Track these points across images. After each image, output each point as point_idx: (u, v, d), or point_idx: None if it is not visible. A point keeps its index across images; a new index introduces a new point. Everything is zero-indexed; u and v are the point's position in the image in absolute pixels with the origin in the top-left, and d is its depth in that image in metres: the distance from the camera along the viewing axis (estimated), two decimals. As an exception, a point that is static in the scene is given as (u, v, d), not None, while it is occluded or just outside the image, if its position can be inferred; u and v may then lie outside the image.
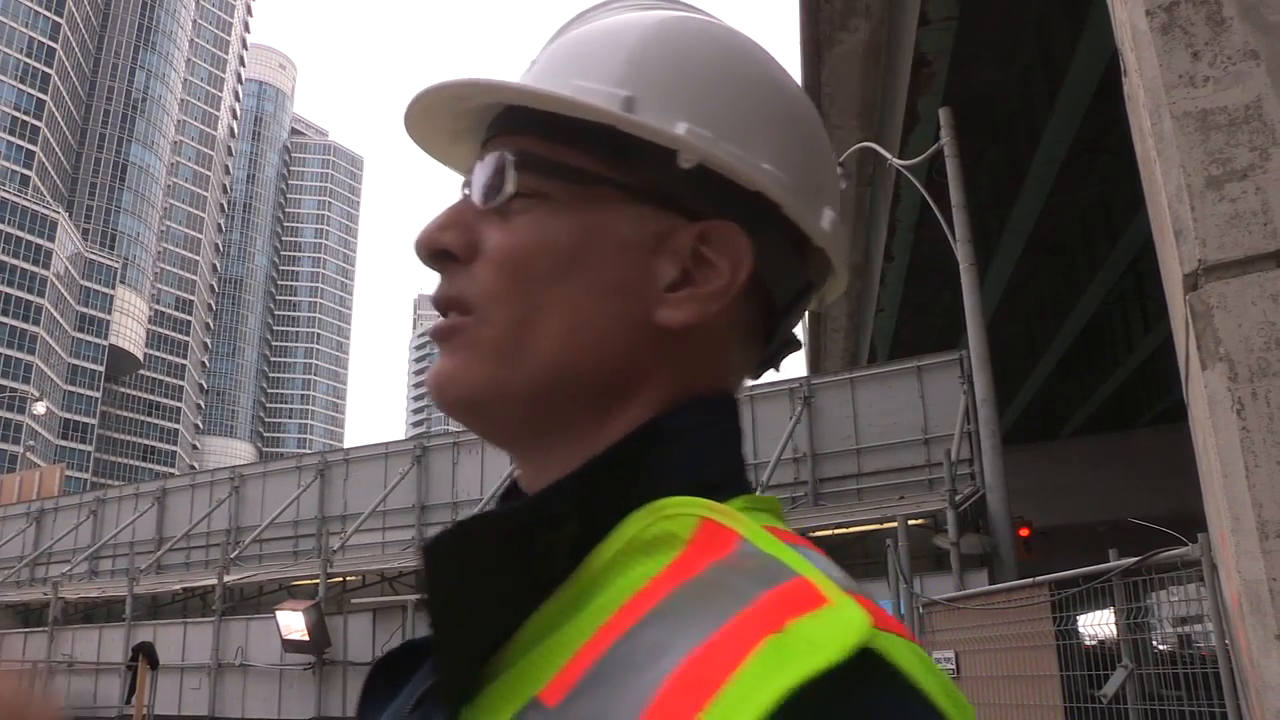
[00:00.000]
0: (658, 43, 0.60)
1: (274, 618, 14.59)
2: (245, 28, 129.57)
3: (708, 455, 0.57)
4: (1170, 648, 6.84)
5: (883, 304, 19.91)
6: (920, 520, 11.13)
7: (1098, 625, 5.62)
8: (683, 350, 0.58)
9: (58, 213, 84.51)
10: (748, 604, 0.42)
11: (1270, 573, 0.92)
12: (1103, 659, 5.29)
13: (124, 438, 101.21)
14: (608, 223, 0.57)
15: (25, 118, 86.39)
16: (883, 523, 11.02)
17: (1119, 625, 5.22)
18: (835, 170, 0.66)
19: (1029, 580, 6.10)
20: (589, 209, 0.57)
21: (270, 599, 16.55)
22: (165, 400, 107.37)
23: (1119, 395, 22.45)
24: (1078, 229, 17.00)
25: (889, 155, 12.87)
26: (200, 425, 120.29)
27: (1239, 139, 1.01)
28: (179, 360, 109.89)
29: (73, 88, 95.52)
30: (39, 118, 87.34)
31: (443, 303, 0.59)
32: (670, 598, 0.45)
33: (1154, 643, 6.35)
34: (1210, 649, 4.70)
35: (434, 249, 0.60)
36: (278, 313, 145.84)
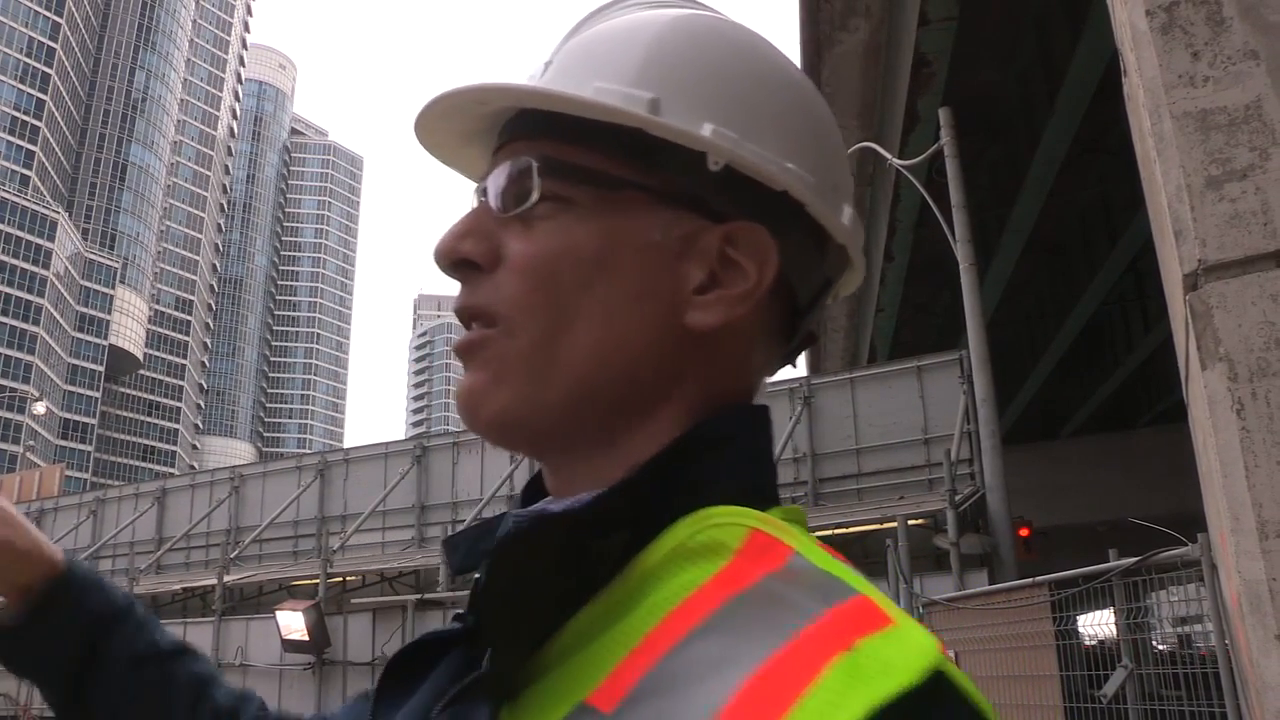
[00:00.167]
0: (676, 42, 0.59)
1: (274, 618, 14.59)
2: (245, 28, 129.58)
3: (749, 463, 0.57)
4: (1170, 648, 6.85)
5: (883, 304, 19.92)
6: (920, 520, 11.12)
7: (1098, 625, 5.62)
8: (712, 352, 0.57)
9: (58, 213, 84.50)
10: (812, 620, 0.42)
11: (1270, 573, 0.92)
12: (1103, 659, 5.29)
13: (124, 438, 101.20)
14: (634, 227, 0.56)
15: (25, 118, 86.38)
16: (883, 523, 11.01)
17: (1119, 625, 5.22)
18: (848, 165, 0.66)
19: (1029, 580, 6.10)
20: (614, 214, 0.56)
21: (270, 599, 16.55)
22: (165, 400, 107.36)
23: (1119, 395, 22.45)
24: (1077, 229, 17.00)
25: (889, 155, 12.87)
26: (200, 425, 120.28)
27: (1239, 139, 1.01)
28: (179, 360, 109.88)
29: (73, 88, 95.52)
30: (39, 118, 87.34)
31: (466, 313, 0.59)
32: (724, 609, 0.45)
33: (1154, 643, 6.35)
34: (1209, 649, 4.70)
35: (454, 258, 0.59)
36: (278, 313, 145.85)
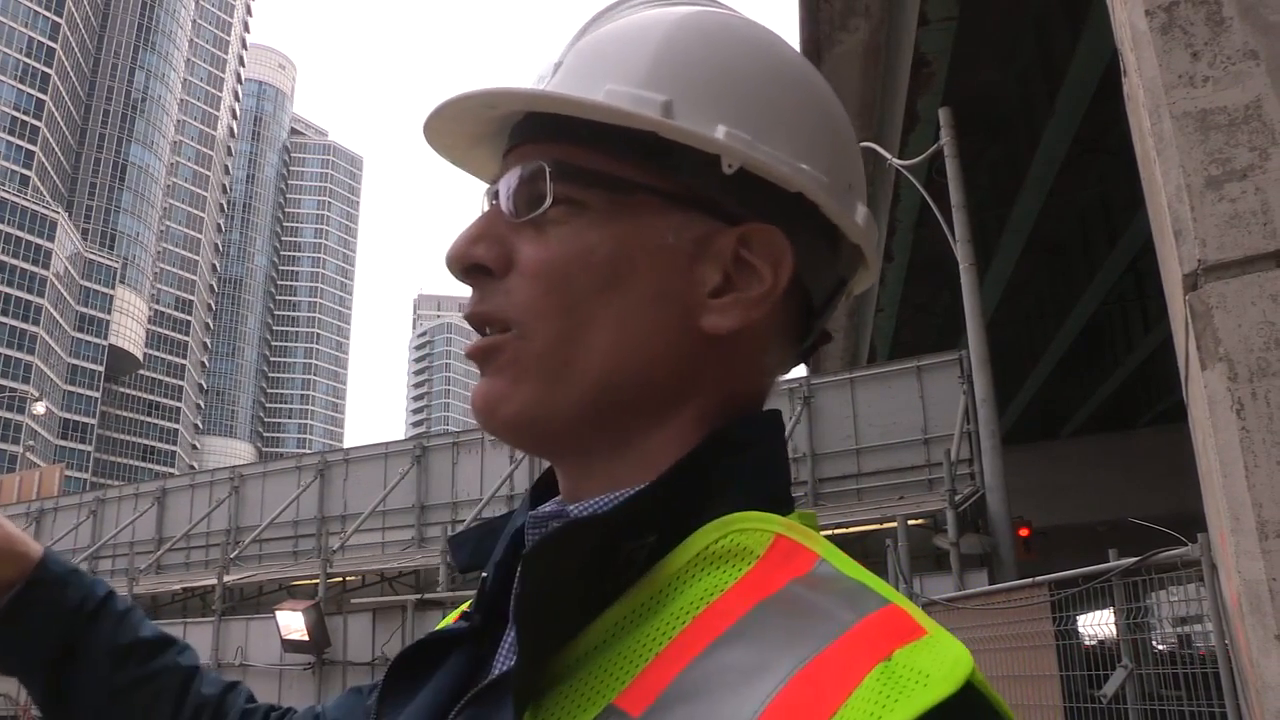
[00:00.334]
0: (688, 41, 0.58)
1: (274, 618, 14.58)
2: (245, 28, 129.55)
3: (769, 469, 0.57)
4: (1169, 648, 6.84)
5: (882, 304, 19.91)
6: (920, 520, 11.12)
7: (1097, 625, 5.62)
8: (727, 355, 0.57)
9: (57, 213, 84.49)
10: (846, 629, 0.43)
11: (1270, 573, 0.92)
12: (1103, 659, 5.29)
13: (124, 438, 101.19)
14: (647, 230, 0.56)
15: (25, 118, 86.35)
16: (883, 523, 11.02)
17: (1119, 625, 5.22)
18: (861, 163, 0.66)
19: (1029, 580, 6.09)
20: (627, 217, 0.56)
21: (270, 599, 16.55)
22: (165, 400, 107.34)
23: (1119, 395, 22.45)
24: (1077, 229, 17.00)
25: (889, 155, 12.86)
26: (200, 425, 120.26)
27: (1239, 139, 1.01)
28: (179, 360, 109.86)
29: (72, 88, 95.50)
30: (39, 118, 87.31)
31: (478, 319, 0.58)
32: (752, 614, 0.45)
33: (1154, 643, 6.35)
34: (1209, 649, 4.70)
35: (467, 264, 0.58)
36: (277, 313, 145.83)
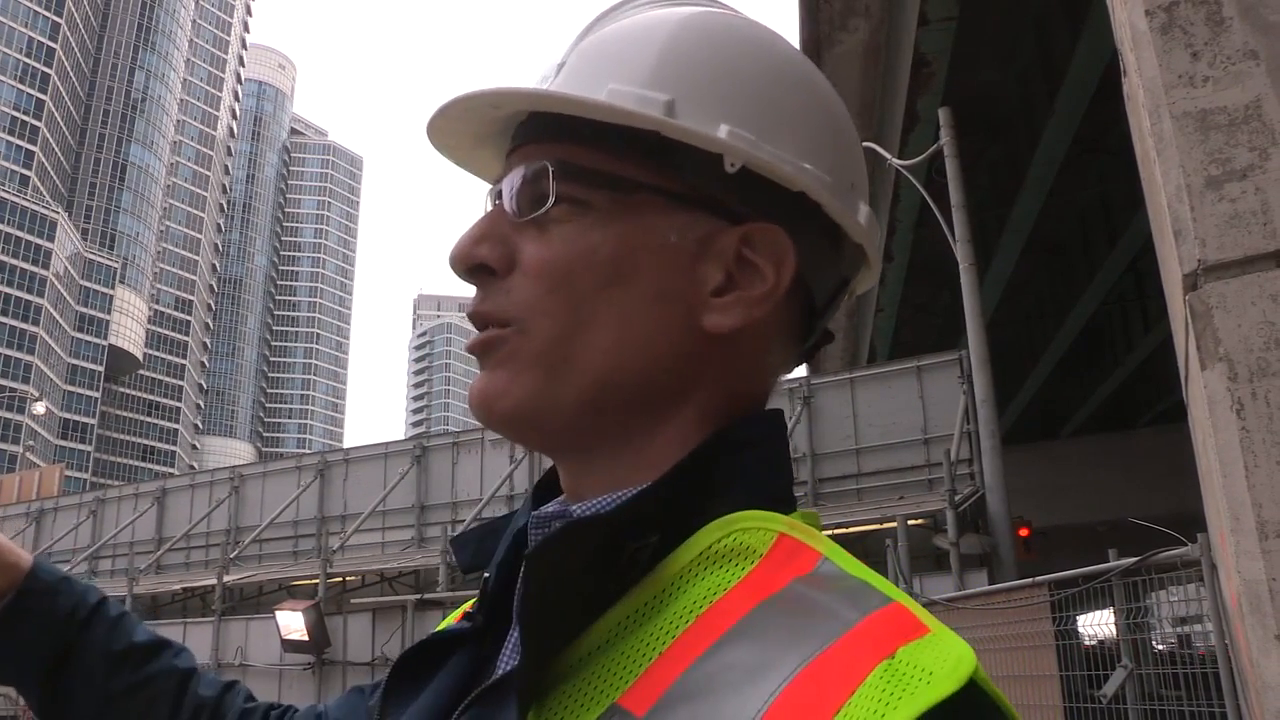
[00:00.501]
0: (690, 41, 0.58)
1: (274, 618, 14.58)
2: (245, 28, 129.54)
3: (772, 468, 0.57)
4: (1169, 648, 6.84)
5: (882, 304, 19.91)
6: (920, 520, 11.13)
7: (1097, 625, 5.62)
8: (729, 354, 0.57)
9: (57, 213, 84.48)
10: (850, 627, 0.43)
11: (1270, 573, 0.92)
12: (1102, 659, 5.29)
13: (124, 438, 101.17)
14: (651, 230, 0.56)
15: (25, 118, 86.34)
16: (883, 523, 11.02)
17: (1119, 625, 5.22)
18: (863, 162, 0.66)
19: (1029, 580, 6.09)
20: (630, 216, 0.56)
21: (270, 599, 16.55)
22: (165, 400, 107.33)
23: (1119, 395, 22.44)
24: (1077, 229, 17.00)
25: (889, 155, 12.86)
26: (200, 425, 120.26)
27: (1238, 139, 1.01)
28: (179, 360, 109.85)
29: (72, 88, 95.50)
30: (39, 118, 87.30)
31: (481, 318, 0.58)
32: (755, 613, 0.46)
33: (1153, 643, 6.35)
34: (1208, 649, 4.70)
35: (470, 263, 0.58)
36: (277, 313, 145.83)
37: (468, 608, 0.63)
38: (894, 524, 10.46)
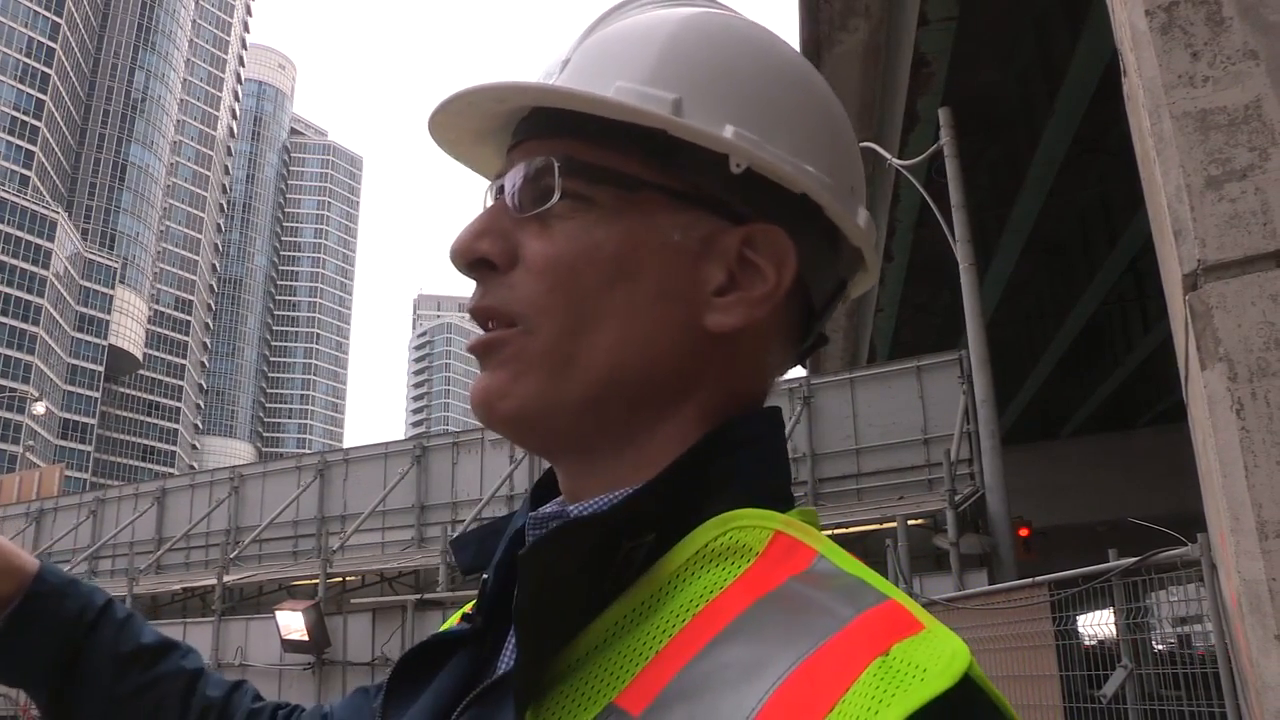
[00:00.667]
0: (695, 41, 0.58)
1: (274, 618, 14.58)
2: (245, 28, 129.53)
3: (769, 466, 0.57)
4: (1169, 648, 6.84)
5: (882, 304, 19.90)
6: (920, 520, 11.13)
7: (1097, 625, 5.62)
8: (730, 354, 0.57)
9: (57, 213, 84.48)
10: (844, 624, 0.43)
11: (1270, 573, 0.92)
12: (1102, 659, 5.29)
13: (123, 438, 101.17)
14: (655, 228, 0.56)
15: (25, 118, 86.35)
16: (882, 523, 11.02)
17: (1118, 625, 5.22)
18: (862, 165, 0.66)
19: (1029, 580, 6.09)
20: (634, 214, 0.56)
21: (270, 599, 16.55)
22: (165, 400, 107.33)
23: (1119, 395, 22.44)
24: (1077, 229, 17.00)
25: (888, 155, 12.86)
26: (200, 425, 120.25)
27: (1238, 139, 1.01)
28: (178, 360, 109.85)
29: (72, 88, 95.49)
30: (39, 118, 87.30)
31: (482, 313, 0.58)
32: (750, 611, 0.46)
33: (1153, 643, 6.35)
34: (1207, 649, 4.70)
35: (471, 258, 0.58)
36: (277, 313, 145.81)
37: (469, 609, 0.64)
38: (894, 524, 10.46)
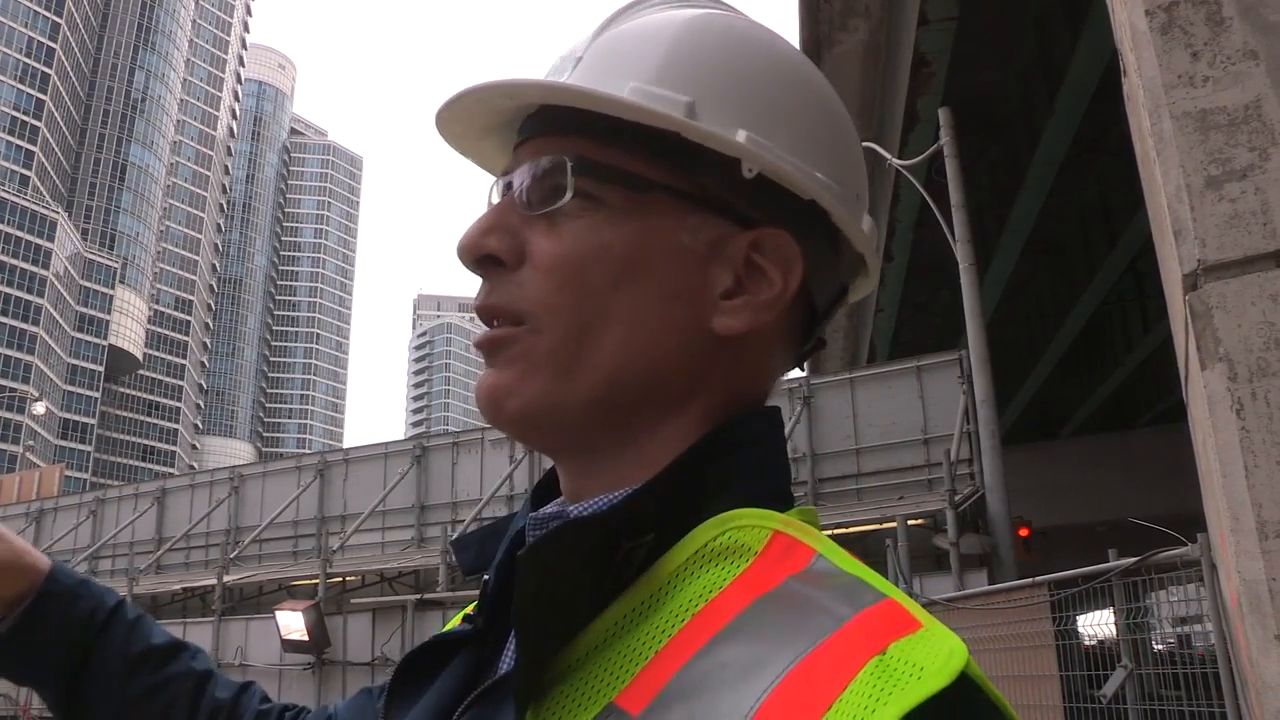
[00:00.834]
0: (708, 44, 0.58)
1: (274, 618, 14.58)
2: (245, 28, 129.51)
3: (769, 466, 0.57)
4: (1169, 648, 6.83)
5: (882, 304, 19.90)
6: (920, 520, 11.12)
7: (1097, 625, 5.62)
8: (734, 356, 0.57)
9: (57, 213, 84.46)
10: (842, 623, 0.43)
11: (1270, 573, 0.92)
12: (1102, 659, 5.29)
13: (123, 438, 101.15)
14: (665, 230, 0.56)
15: (25, 118, 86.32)
16: (882, 523, 11.02)
17: (1118, 625, 5.22)
18: (865, 172, 0.66)
19: (1028, 580, 6.09)
20: (645, 215, 0.56)
21: (270, 599, 16.55)
22: (165, 400, 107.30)
23: (1119, 395, 22.44)
24: (1077, 229, 17.00)
25: (888, 155, 12.86)
26: (200, 425, 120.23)
27: (1238, 139, 1.01)
28: (178, 360, 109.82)
29: (72, 88, 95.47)
30: (38, 118, 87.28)
31: (488, 311, 0.58)
32: (749, 611, 0.46)
33: (1153, 643, 6.35)
34: (1206, 649, 4.70)
35: (479, 254, 0.58)
36: (277, 313, 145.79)
37: (471, 609, 0.64)
38: (894, 524, 10.45)
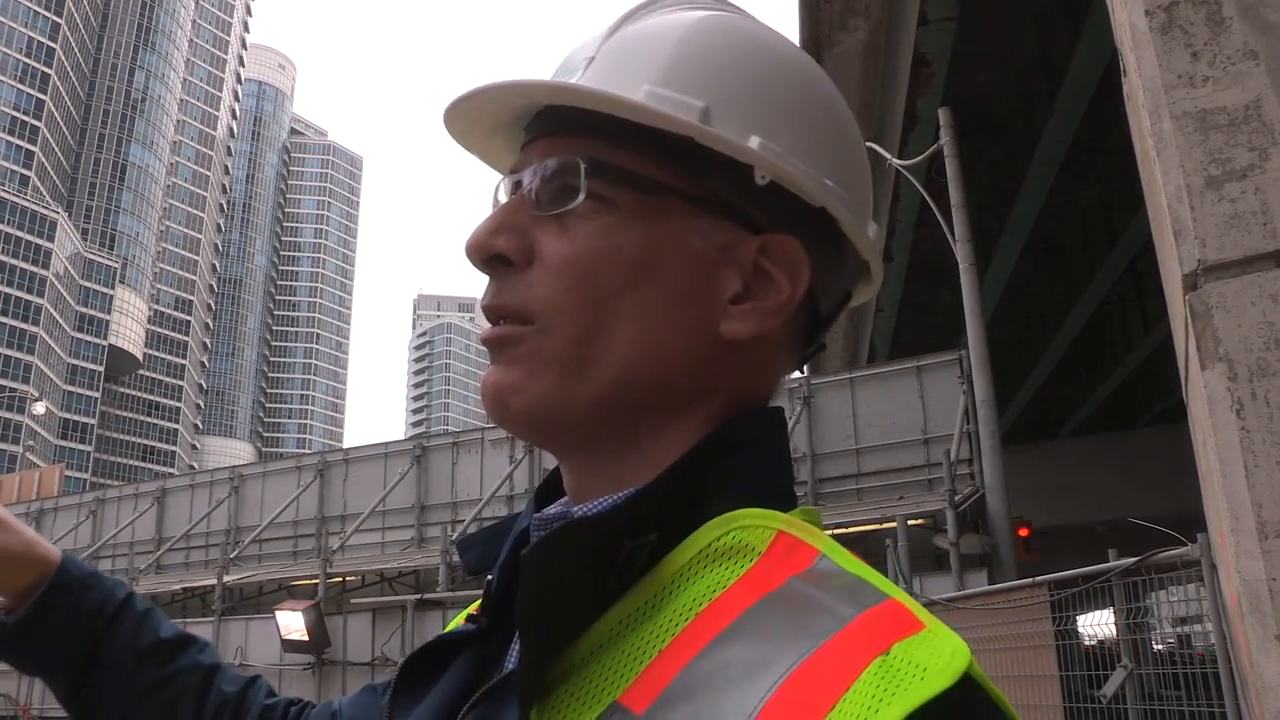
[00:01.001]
0: (720, 48, 0.58)
1: (274, 618, 14.58)
2: (245, 28, 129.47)
3: (772, 466, 0.57)
4: (1169, 648, 6.83)
5: (882, 304, 19.89)
6: (920, 520, 11.13)
7: (1097, 625, 5.62)
8: (741, 360, 0.58)
9: (57, 213, 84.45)
10: (845, 624, 0.43)
11: (1270, 573, 0.92)
12: (1102, 659, 5.29)
13: (123, 438, 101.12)
14: (675, 233, 0.56)
15: (25, 118, 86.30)
16: (882, 523, 11.02)
17: (1118, 625, 5.22)
18: (871, 177, 0.66)
19: (1028, 580, 6.09)
20: (655, 219, 0.56)
21: (270, 599, 16.55)
22: (165, 400, 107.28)
23: (1118, 395, 22.44)
24: (1077, 229, 17.00)
25: (888, 155, 12.86)
26: (200, 425, 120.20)
27: (1238, 139, 1.01)
28: (178, 360, 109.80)
29: (72, 88, 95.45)
30: (38, 118, 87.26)
31: (496, 310, 0.58)
32: (752, 611, 0.46)
33: (1153, 643, 6.35)
34: (1206, 649, 4.70)
35: (488, 254, 0.58)
36: (277, 313, 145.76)
37: (474, 609, 0.64)
38: (894, 524, 10.45)
